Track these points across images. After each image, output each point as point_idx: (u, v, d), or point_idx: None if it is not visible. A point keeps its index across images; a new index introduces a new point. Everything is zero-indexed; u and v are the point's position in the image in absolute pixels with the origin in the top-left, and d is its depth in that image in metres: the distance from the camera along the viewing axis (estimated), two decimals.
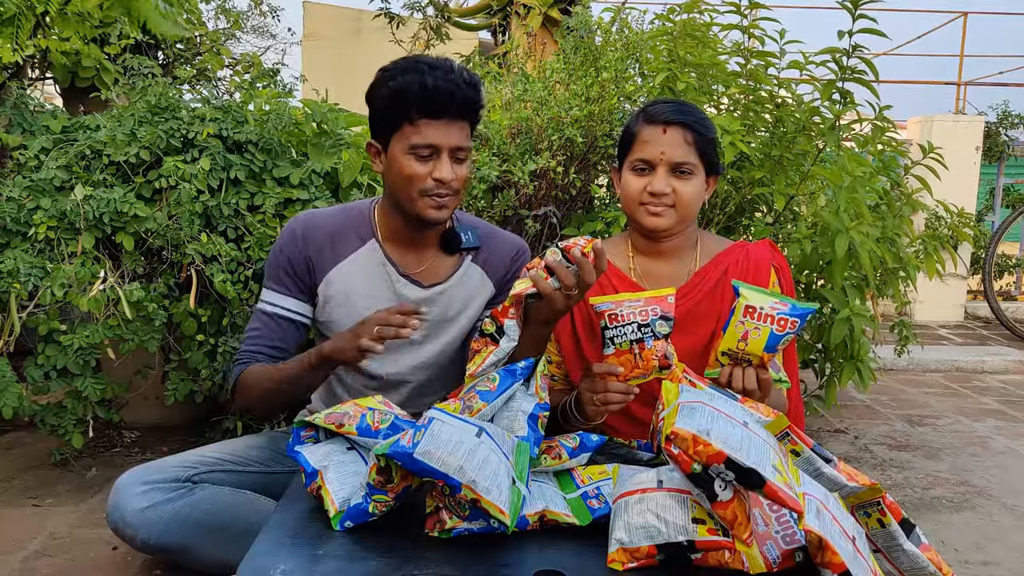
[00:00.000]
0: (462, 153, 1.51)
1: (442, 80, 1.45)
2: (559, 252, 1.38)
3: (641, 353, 1.37)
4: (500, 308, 1.40)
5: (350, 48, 7.41)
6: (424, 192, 1.50)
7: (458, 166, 1.52)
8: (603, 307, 1.40)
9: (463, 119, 1.50)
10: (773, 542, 1.07)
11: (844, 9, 2.11)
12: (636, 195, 1.56)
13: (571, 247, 1.37)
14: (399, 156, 1.50)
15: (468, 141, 1.52)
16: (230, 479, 1.61)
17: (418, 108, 1.46)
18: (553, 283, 1.36)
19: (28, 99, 2.59)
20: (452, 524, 1.13)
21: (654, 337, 1.36)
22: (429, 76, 1.45)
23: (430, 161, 1.49)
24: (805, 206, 2.71)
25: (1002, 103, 7.06)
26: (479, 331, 1.43)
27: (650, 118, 1.56)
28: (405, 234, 1.62)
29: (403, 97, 1.46)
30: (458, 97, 1.46)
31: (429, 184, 1.49)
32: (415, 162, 1.49)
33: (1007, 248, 7.04)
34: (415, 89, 1.45)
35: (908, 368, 4.54)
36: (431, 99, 1.45)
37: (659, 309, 1.37)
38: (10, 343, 2.18)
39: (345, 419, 1.28)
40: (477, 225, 1.72)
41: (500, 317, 1.39)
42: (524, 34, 4.77)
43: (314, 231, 1.63)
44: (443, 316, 1.66)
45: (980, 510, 2.48)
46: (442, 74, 1.46)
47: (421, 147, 1.48)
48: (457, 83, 1.46)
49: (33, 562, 1.92)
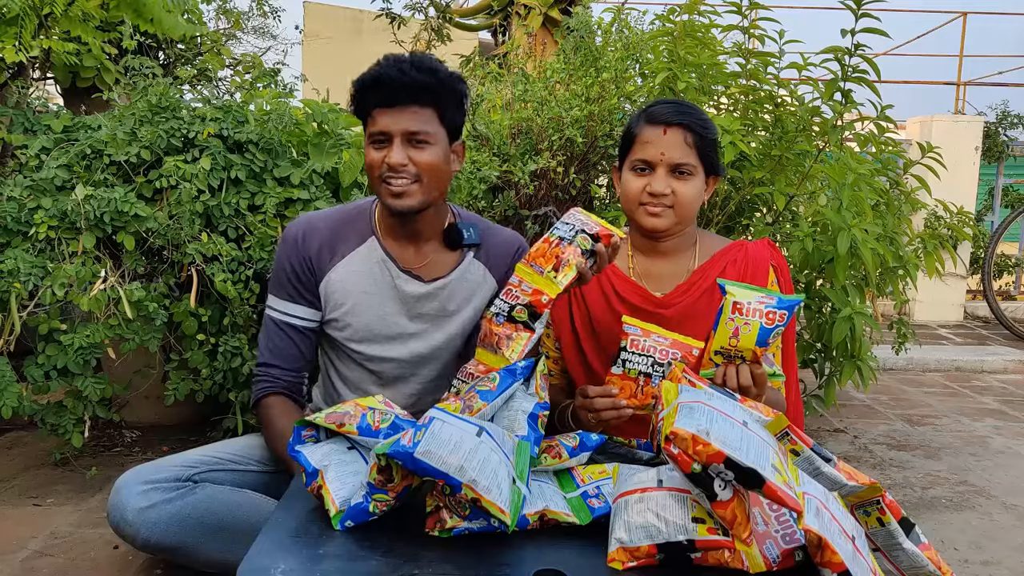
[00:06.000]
0: (420, 136, 1.51)
1: (390, 69, 1.49)
2: (590, 239, 1.41)
3: (644, 387, 1.40)
4: (545, 299, 1.40)
5: (350, 48, 7.41)
6: (381, 177, 1.54)
7: (416, 151, 1.52)
8: (631, 330, 1.43)
9: (416, 104, 1.51)
10: (773, 541, 1.07)
11: (847, 8, 2.11)
12: (636, 195, 1.57)
13: (607, 236, 1.42)
14: (366, 147, 1.56)
15: (426, 125, 1.52)
16: (231, 478, 1.62)
17: (371, 99, 1.51)
18: (581, 262, 1.42)
19: (31, 99, 2.59)
20: (452, 523, 1.13)
21: (663, 379, 1.38)
22: (381, 68, 1.51)
23: (384, 147, 1.53)
24: (803, 206, 2.71)
25: (1001, 103, 7.07)
26: (506, 316, 1.42)
27: (651, 118, 1.56)
28: (400, 231, 1.64)
29: (359, 91, 1.53)
30: (404, 83, 1.48)
31: (383, 169, 1.53)
32: (372, 150, 1.54)
33: (1006, 248, 7.04)
34: (367, 81, 1.51)
35: (908, 368, 4.54)
36: (378, 87, 1.50)
37: (679, 355, 1.40)
38: (10, 342, 2.18)
39: (346, 419, 1.29)
40: (476, 222, 1.73)
41: (541, 307, 1.40)
42: (524, 34, 4.78)
43: (312, 232, 1.64)
44: (443, 311, 1.67)
45: (980, 510, 2.49)
46: (392, 63, 1.51)
47: (376, 135, 1.53)
48: (404, 70, 1.49)
49: (33, 562, 1.92)
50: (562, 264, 1.41)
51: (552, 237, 1.45)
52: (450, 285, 1.66)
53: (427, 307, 1.66)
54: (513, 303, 1.41)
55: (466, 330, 1.70)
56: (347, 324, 1.65)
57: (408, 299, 1.64)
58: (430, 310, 1.66)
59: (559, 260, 1.41)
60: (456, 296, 1.67)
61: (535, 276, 1.43)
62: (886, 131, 2.53)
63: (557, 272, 1.41)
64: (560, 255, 1.41)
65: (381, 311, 1.64)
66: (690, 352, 1.40)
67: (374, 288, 1.64)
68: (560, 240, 1.43)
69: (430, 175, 1.54)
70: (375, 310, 1.64)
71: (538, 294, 1.41)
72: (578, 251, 1.41)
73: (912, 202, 2.90)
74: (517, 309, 1.41)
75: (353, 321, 1.64)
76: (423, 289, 1.64)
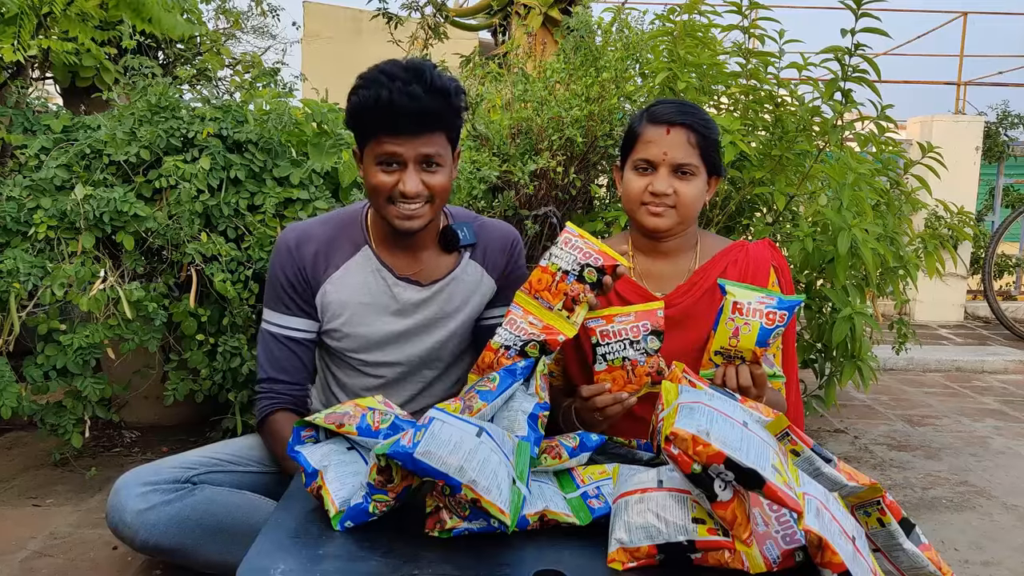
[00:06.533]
0: (434, 159, 1.47)
1: (400, 94, 1.38)
2: (595, 272, 1.39)
3: (634, 370, 1.40)
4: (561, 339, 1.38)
5: (350, 48, 7.42)
6: (391, 200, 1.49)
7: (430, 175, 1.48)
8: (593, 324, 1.41)
9: (428, 131, 1.44)
10: (773, 542, 1.07)
11: (847, 8, 2.11)
12: (638, 195, 1.56)
13: (611, 267, 1.39)
14: (369, 165, 1.49)
15: (441, 148, 1.48)
16: (230, 479, 1.61)
17: (377, 125, 1.43)
18: (592, 299, 1.41)
19: (30, 99, 2.58)
20: (452, 524, 1.13)
21: (646, 355, 1.38)
22: (386, 89, 1.38)
23: (396, 172, 1.47)
24: (803, 206, 2.71)
25: (1002, 103, 7.08)
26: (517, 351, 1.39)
27: (654, 118, 1.56)
28: (396, 241, 1.61)
29: (362, 114, 1.44)
30: (417, 111, 1.40)
31: (395, 194, 1.48)
32: (381, 172, 1.48)
33: (1007, 248, 7.04)
34: (371, 105, 1.40)
35: (908, 368, 4.54)
36: (388, 116, 1.40)
37: (649, 324, 1.39)
38: (10, 343, 2.17)
39: (345, 419, 1.28)
40: (469, 219, 1.71)
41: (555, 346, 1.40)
42: (524, 34, 4.77)
43: (305, 243, 1.61)
44: (443, 312, 1.66)
45: (980, 510, 2.48)
46: (401, 87, 1.38)
47: (384, 157, 1.46)
48: (416, 95, 1.39)
49: (33, 562, 1.92)
50: (575, 303, 1.39)
51: (552, 268, 1.41)
52: (449, 287, 1.65)
53: (427, 311, 1.65)
54: (527, 339, 1.38)
55: (465, 329, 1.69)
56: (345, 335, 1.64)
57: (407, 306, 1.63)
58: (430, 313, 1.65)
59: (568, 298, 1.39)
60: (455, 297, 1.66)
61: (544, 311, 1.40)
62: (886, 131, 2.53)
63: (571, 313, 1.39)
64: (568, 292, 1.39)
65: (379, 321, 1.63)
66: (654, 314, 1.40)
67: (370, 299, 1.62)
68: (565, 274, 1.39)
69: (441, 195, 1.53)
70: (373, 320, 1.63)
71: (553, 333, 1.38)
72: (587, 288, 1.39)
73: (912, 202, 2.90)
74: (531, 345, 1.38)
75: (351, 332, 1.63)
76: (422, 294, 1.63)
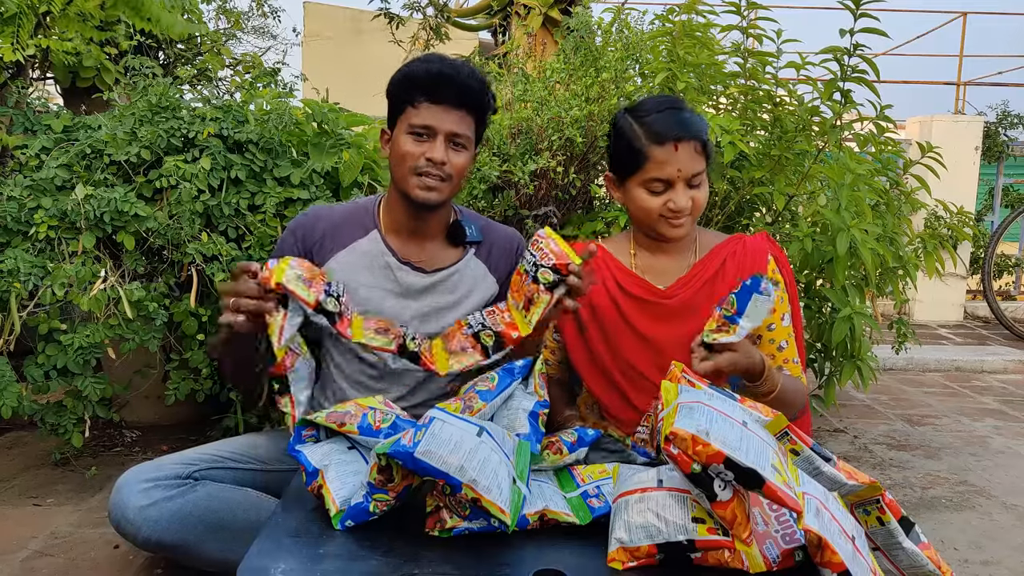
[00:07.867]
0: (460, 140, 1.57)
1: (446, 67, 1.55)
2: (550, 271, 1.40)
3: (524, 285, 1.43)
4: (515, 335, 1.45)
5: (350, 48, 7.42)
6: (415, 170, 1.56)
7: (455, 153, 1.58)
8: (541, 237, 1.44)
9: (463, 107, 1.57)
10: (773, 541, 1.07)
11: (846, 8, 2.11)
12: (656, 210, 1.58)
13: (563, 266, 1.39)
14: (399, 136, 1.58)
15: (468, 131, 1.58)
16: (231, 476, 1.62)
17: (421, 90, 1.55)
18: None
19: (31, 99, 2.59)
20: (452, 523, 1.13)
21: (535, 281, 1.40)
22: (435, 64, 1.56)
23: (426, 142, 1.56)
24: (803, 206, 2.71)
25: (1001, 103, 7.07)
26: (473, 333, 1.48)
27: (659, 138, 1.54)
28: (407, 226, 1.67)
29: (408, 80, 1.57)
30: (458, 83, 1.54)
31: (421, 163, 1.55)
32: (411, 141, 1.57)
33: (1006, 248, 7.05)
34: (419, 73, 1.56)
35: (908, 368, 4.54)
36: (432, 82, 1.54)
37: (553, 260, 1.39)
38: (10, 342, 2.18)
39: (346, 418, 1.29)
40: (477, 220, 1.77)
41: (509, 341, 1.46)
42: (524, 34, 4.77)
43: (316, 222, 1.69)
44: (444, 302, 1.67)
45: (980, 509, 2.49)
46: (448, 64, 1.57)
47: (419, 127, 1.55)
48: (460, 71, 1.55)
49: (34, 562, 1.92)
50: (532, 304, 1.42)
51: (521, 269, 1.47)
52: (452, 278, 1.68)
53: (428, 298, 1.66)
54: (489, 326, 1.47)
55: None
56: None
57: (410, 291, 1.65)
58: (431, 301, 1.67)
59: (527, 298, 1.43)
60: (458, 288, 1.68)
61: (514, 309, 1.47)
62: (886, 131, 2.53)
63: (528, 312, 1.43)
64: (527, 292, 1.43)
65: (381, 304, 1.64)
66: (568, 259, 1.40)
67: (373, 281, 1.65)
68: (526, 275, 1.44)
69: (459, 178, 1.61)
70: (374, 303, 1.64)
71: (511, 328, 1.45)
72: (542, 288, 1.41)
73: (912, 202, 2.90)
74: (486, 333, 1.46)
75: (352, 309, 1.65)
76: (425, 280, 1.66)
